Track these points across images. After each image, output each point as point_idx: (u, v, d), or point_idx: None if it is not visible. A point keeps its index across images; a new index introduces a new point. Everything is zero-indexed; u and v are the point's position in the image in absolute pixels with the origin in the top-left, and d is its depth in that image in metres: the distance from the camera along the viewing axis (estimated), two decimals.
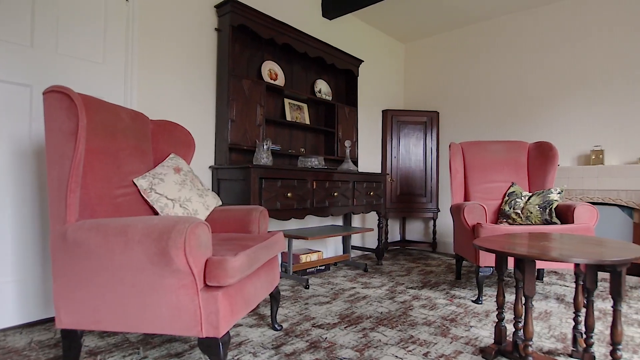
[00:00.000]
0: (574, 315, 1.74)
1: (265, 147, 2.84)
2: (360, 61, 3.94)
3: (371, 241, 4.40)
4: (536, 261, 1.77)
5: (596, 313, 2.31)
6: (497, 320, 1.79)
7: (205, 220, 2.06)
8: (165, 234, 1.25)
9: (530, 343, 1.44)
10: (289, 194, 2.72)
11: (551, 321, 2.17)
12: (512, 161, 3.16)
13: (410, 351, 1.77)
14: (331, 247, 3.86)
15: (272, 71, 3.26)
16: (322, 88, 3.75)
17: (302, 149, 3.54)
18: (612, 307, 1.40)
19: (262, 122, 3.00)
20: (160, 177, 1.93)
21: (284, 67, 3.43)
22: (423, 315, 2.25)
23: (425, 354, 1.74)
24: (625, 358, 1.70)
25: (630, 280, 3.04)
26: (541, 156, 3.05)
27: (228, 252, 1.45)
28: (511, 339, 1.84)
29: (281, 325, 2.03)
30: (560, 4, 3.67)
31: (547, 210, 2.66)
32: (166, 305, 1.31)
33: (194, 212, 1.96)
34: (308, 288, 2.79)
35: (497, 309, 1.76)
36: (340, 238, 3.98)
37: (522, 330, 1.80)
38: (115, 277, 1.33)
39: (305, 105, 3.59)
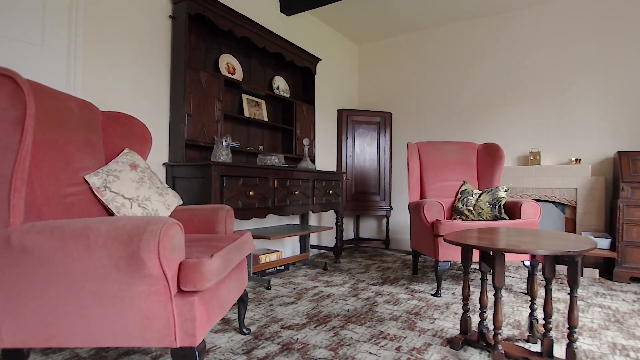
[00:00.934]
0: (530, 303, 1.87)
1: (224, 143, 2.72)
2: (318, 59, 3.93)
3: (326, 240, 4.41)
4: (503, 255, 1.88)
5: (540, 300, 2.52)
6: (462, 312, 1.87)
7: None
8: (136, 236, 1.13)
9: (500, 332, 1.52)
10: (250, 193, 2.63)
11: (504, 310, 2.32)
12: (463, 161, 3.35)
13: (382, 346, 1.78)
14: (289, 247, 3.80)
15: (229, 65, 3.13)
16: (280, 85, 3.68)
17: (261, 147, 3.44)
18: (568, 293, 1.52)
19: (220, 117, 2.87)
20: (115, 174, 1.75)
21: (242, 61, 3.31)
22: (388, 310, 2.29)
23: (397, 349, 1.76)
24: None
25: (562, 269, 3.36)
26: (489, 157, 3.26)
27: (200, 254, 1.35)
28: (476, 329, 1.93)
29: (249, 329, 1.95)
30: (502, 17, 3.95)
31: (497, 206, 2.85)
32: (134, 315, 1.19)
33: (154, 212, 1.81)
34: (270, 289, 2.72)
35: (462, 301, 1.84)
36: (297, 237, 3.93)
37: (487, 320, 1.90)
38: (73, 286, 1.18)
39: (263, 102, 3.50)
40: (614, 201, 3.18)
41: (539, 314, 2.23)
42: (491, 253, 1.56)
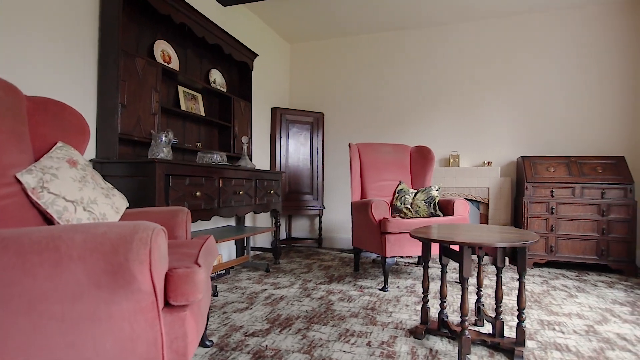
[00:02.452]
0: (477, 290, 2.07)
1: (164, 139, 2.46)
2: (256, 55, 3.80)
3: (261, 241, 4.30)
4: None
5: (471, 288, 2.81)
6: (422, 303, 1.99)
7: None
8: (123, 246, 0.96)
9: (466, 318, 1.66)
10: (197, 193, 2.43)
11: (448, 299, 2.53)
12: (398, 162, 3.56)
13: (353, 344, 1.80)
14: (225, 250, 3.61)
15: (165, 53, 2.85)
16: (217, 79, 3.47)
17: (198, 144, 3.20)
18: (517, 279, 1.73)
19: (157, 110, 2.60)
20: (52, 173, 1.46)
21: (177, 50, 3.04)
22: (345, 308, 2.33)
23: (368, 344, 1.80)
24: (510, 320, 2.12)
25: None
26: (421, 158, 3.53)
27: (179, 262, 1.21)
28: (435, 319, 2.08)
29: (211, 340, 1.80)
30: (427, 31, 4.32)
31: (432, 204, 3.10)
32: (114, 339, 1.01)
33: (101, 217, 1.56)
34: (217, 295, 2.55)
35: (423, 293, 1.96)
36: (232, 240, 3.75)
37: (446, 309, 2.05)
38: (31, 312, 0.95)
39: (200, 96, 3.26)
40: (518, 199, 3.71)
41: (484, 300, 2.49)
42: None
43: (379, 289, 2.74)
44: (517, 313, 2.07)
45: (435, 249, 2.84)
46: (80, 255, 0.94)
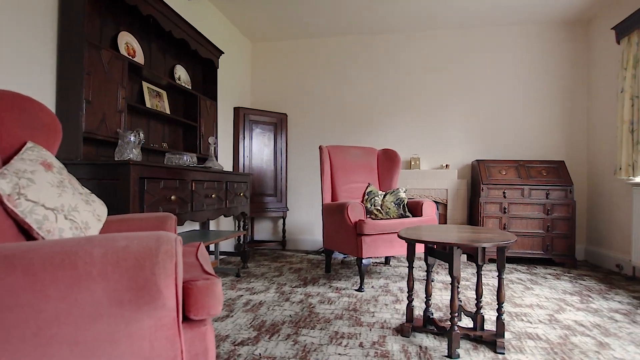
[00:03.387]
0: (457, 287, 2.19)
1: (133, 139, 2.30)
2: (221, 52, 3.68)
3: (224, 244, 4.17)
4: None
5: (439, 285, 2.96)
6: (407, 302, 2.06)
7: (100, 233, 1.52)
8: (149, 259, 0.89)
9: (456, 315, 1.75)
10: (172, 197, 2.30)
11: (422, 296, 2.65)
12: (367, 164, 3.65)
13: (346, 346, 1.82)
14: None
15: (129, 45, 2.66)
16: (182, 75, 3.30)
17: (164, 144, 3.03)
18: (497, 275, 1.86)
19: (123, 107, 2.41)
20: (27, 177, 1.30)
21: (142, 44, 2.85)
22: (328, 310, 2.34)
23: (361, 345, 1.83)
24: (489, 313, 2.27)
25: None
26: (388, 161, 3.65)
27: (187, 273, 1.15)
28: (420, 317, 2.16)
29: None
30: (392, 37, 4.47)
31: (401, 206, 3.21)
32: None
33: (84, 226, 1.42)
34: None
35: (408, 292, 2.03)
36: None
37: (431, 306, 2.13)
38: (42, 337, 0.84)
39: (164, 93, 3.08)
40: (474, 199, 3.98)
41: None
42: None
43: (355, 290, 2.78)
44: (493, 307, 2.23)
45: (418, 249, 2.94)
46: (101, 272, 0.86)
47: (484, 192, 3.74)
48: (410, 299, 2.04)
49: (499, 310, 1.85)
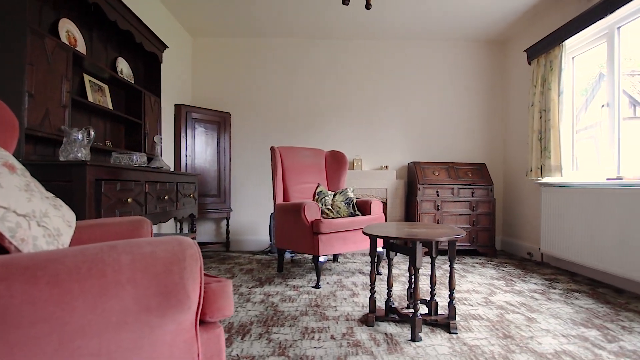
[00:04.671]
0: (409, 278, 2.41)
1: (80, 137, 2.13)
2: (166, 46, 3.51)
3: None
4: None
5: (382, 278, 3.20)
6: (370, 294, 2.22)
7: (72, 240, 1.42)
8: (177, 264, 0.89)
9: (418, 302, 1.95)
10: (128, 199, 2.17)
11: (375, 288, 2.84)
12: (316, 165, 3.77)
13: (319, 339, 1.92)
14: None
15: (70, 34, 2.43)
16: (124, 69, 3.09)
17: (108, 142, 2.81)
18: (449, 265, 2.11)
19: (68, 102, 2.22)
20: None
21: (83, 33, 2.61)
22: (292, 308, 2.41)
23: (332, 337, 1.94)
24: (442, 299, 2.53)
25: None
26: (336, 162, 3.81)
27: None
28: (379, 307, 2.33)
29: None
30: (334, 42, 4.64)
31: (351, 205, 3.40)
32: None
33: (56, 233, 1.31)
34: None
35: (370, 285, 2.19)
36: None
37: (379, 297, 2.31)
38: (64, 350, 0.80)
39: (106, 87, 2.86)
40: (410, 198, 4.34)
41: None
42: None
43: (313, 287, 2.89)
44: (440, 294, 2.49)
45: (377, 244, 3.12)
46: (130, 279, 0.85)
47: (420, 192, 4.11)
48: (372, 291, 2.20)
49: (451, 296, 2.10)
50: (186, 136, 4.25)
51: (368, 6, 2.41)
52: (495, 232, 4.12)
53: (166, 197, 2.73)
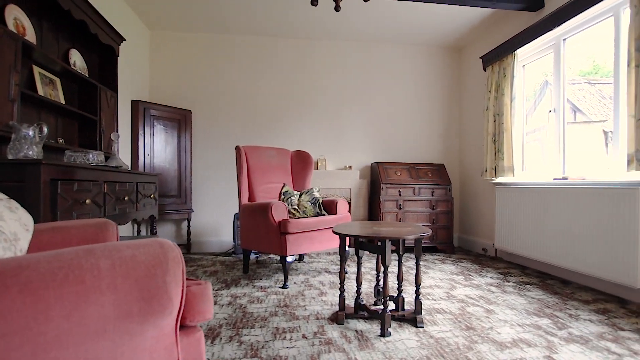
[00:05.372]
0: (376, 275, 2.47)
1: (30, 133, 1.98)
2: (123, 39, 3.34)
3: None
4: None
5: (354, 276, 3.26)
6: (339, 292, 2.25)
7: (30, 245, 1.31)
8: (159, 268, 0.86)
9: (387, 298, 2.00)
10: (86, 201, 2.04)
11: (346, 286, 2.88)
12: (281, 165, 3.75)
13: (291, 339, 1.92)
14: None
15: (19, 22, 2.25)
16: (77, 61, 2.90)
17: (61, 140, 2.62)
18: (415, 263, 2.19)
19: (17, 95, 2.05)
20: None
21: (32, 21, 2.42)
22: (261, 309, 2.39)
23: (304, 336, 1.95)
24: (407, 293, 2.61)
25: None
26: (301, 162, 3.82)
27: None
28: (348, 305, 2.36)
29: None
30: (299, 41, 4.64)
31: (317, 205, 3.42)
32: None
33: (13, 238, 1.21)
34: None
35: (340, 283, 2.22)
36: None
37: (361, 294, 2.36)
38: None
39: (58, 80, 2.67)
40: (373, 197, 4.45)
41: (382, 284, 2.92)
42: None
43: (280, 287, 2.87)
44: (409, 290, 2.57)
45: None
46: (111, 285, 0.82)
47: (383, 191, 4.22)
48: (342, 289, 2.23)
49: (417, 291, 2.18)
50: (144, 134, 4.06)
51: (337, 8, 2.44)
52: (453, 229, 4.33)
53: (126, 198, 2.60)
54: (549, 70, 3.71)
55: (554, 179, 3.12)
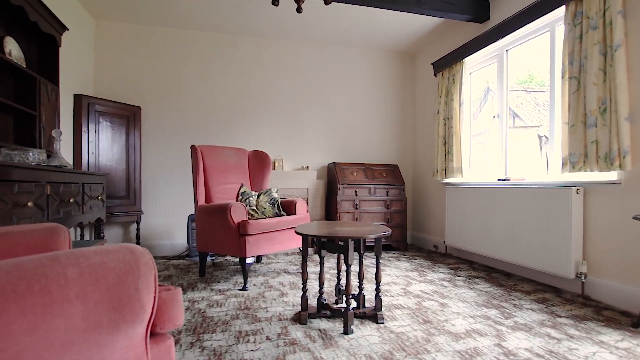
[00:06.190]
0: (337, 274, 2.51)
1: None
2: (66, 28, 3.09)
3: None
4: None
5: (313, 275, 3.28)
6: (302, 292, 2.26)
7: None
8: (131, 274, 0.82)
9: (350, 297, 2.05)
10: (28, 204, 1.87)
11: (309, 286, 2.89)
12: (239, 165, 3.68)
13: (254, 342, 1.90)
14: None
15: None
16: (14, 50, 2.65)
17: None
18: (375, 261, 2.26)
19: None
20: None
21: None
22: (222, 313, 2.33)
23: (268, 338, 1.94)
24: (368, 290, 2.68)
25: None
26: (259, 162, 3.77)
27: None
28: (312, 304, 2.38)
29: None
30: (257, 40, 4.58)
31: (276, 205, 3.40)
32: None
33: None
34: None
35: (302, 283, 2.23)
36: None
37: (323, 293, 2.38)
38: None
39: None
40: (330, 197, 4.51)
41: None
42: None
43: (240, 290, 2.82)
44: (369, 287, 2.65)
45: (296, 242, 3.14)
46: (79, 294, 0.77)
47: (340, 191, 4.29)
48: (304, 289, 2.25)
49: (377, 289, 2.25)
50: (88, 131, 3.79)
51: (299, 10, 2.45)
52: (406, 228, 4.51)
53: (71, 200, 2.41)
54: (491, 78, 4.00)
55: (498, 180, 3.37)
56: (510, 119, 3.81)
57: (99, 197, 2.96)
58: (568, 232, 2.61)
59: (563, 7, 2.71)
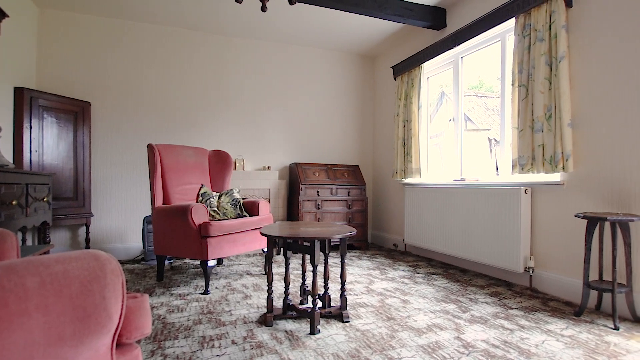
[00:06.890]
0: (301, 274, 2.51)
1: None
2: (6, 15, 2.84)
3: None
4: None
5: (277, 276, 3.25)
6: (267, 294, 2.24)
7: None
8: (97, 283, 0.77)
9: (316, 297, 2.05)
10: None
11: (266, 287, 2.86)
12: (199, 165, 3.57)
13: (220, 347, 1.85)
14: None
15: None
16: None
17: None
18: (340, 260, 2.29)
19: None
20: None
21: None
22: (183, 318, 2.25)
23: (234, 342, 1.90)
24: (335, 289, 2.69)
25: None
26: (220, 162, 3.68)
27: None
28: (277, 306, 2.35)
29: None
30: (218, 37, 4.46)
31: (238, 206, 3.34)
32: None
33: None
34: None
35: (267, 285, 2.21)
36: None
37: (289, 294, 2.37)
38: None
39: None
40: (292, 197, 4.50)
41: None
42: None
43: (201, 293, 2.74)
44: (332, 287, 2.67)
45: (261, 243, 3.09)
46: (40, 306, 0.72)
47: (303, 192, 4.29)
48: (270, 291, 2.22)
49: (342, 288, 2.28)
50: (31, 127, 3.50)
51: (264, 8, 2.42)
52: (367, 227, 4.60)
53: (14, 202, 2.22)
54: (445, 83, 4.19)
55: (454, 180, 3.53)
56: (463, 122, 4.01)
57: (45, 199, 2.75)
58: (517, 229, 2.80)
59: (513, 19, 2.90)
